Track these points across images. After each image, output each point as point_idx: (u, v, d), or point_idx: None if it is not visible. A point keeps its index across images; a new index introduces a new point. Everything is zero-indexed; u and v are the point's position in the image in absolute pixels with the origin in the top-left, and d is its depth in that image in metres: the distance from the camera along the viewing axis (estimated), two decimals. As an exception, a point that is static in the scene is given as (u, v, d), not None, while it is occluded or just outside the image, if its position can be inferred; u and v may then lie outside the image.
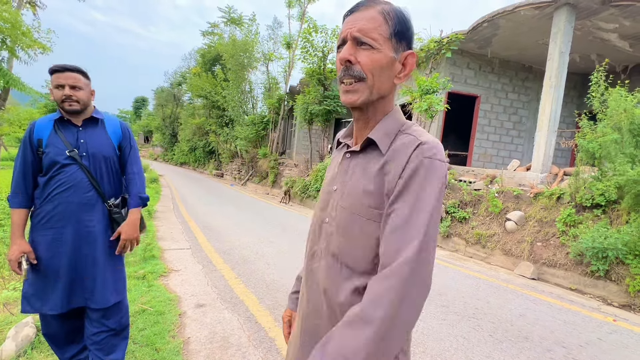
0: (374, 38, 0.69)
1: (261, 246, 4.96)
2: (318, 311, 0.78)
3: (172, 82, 35.41)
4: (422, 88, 7.12)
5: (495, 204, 5.71)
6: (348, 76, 0.70)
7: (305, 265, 0.86)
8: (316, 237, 0.82)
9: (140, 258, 3.86)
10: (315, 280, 0.80)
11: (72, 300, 1.55)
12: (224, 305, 2.88)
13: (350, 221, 0.73)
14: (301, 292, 0.87)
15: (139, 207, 1.70)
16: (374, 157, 0.74)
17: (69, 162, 1.54)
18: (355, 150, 0.77)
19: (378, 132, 0.74)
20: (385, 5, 0.72)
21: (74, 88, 1.55)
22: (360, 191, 0.72)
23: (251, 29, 18.38)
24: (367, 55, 0.69)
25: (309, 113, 11.63)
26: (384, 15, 0.71)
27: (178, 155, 30.89)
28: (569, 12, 6.14)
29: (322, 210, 0.82)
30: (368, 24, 0.69)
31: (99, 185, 1.60)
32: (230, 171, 20.15)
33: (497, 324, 2.91)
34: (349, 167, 0.78)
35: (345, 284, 0.72)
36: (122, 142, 1.71)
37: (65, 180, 1.53)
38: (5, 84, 4.99)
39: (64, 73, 1.54)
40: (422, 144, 0.67)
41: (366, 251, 0.71)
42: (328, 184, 0.83)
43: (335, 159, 0.87)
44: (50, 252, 1.52)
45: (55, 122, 1.58)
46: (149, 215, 6.40)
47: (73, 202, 1.53)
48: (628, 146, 4.01)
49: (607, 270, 4.00)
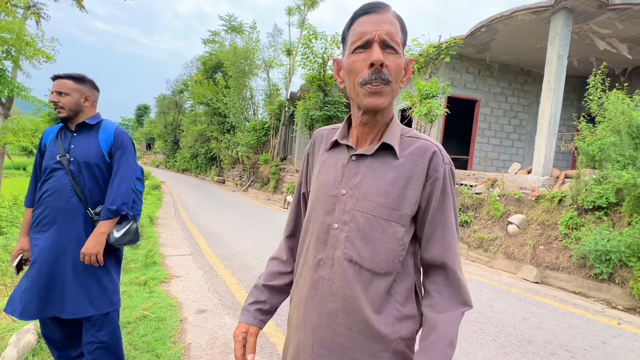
0: (398, 43, 0.71)
1: (262, 252, 4.96)
2: (336, 321, 0.75)
3: (174, 89, 35.76)
4: (422, 93, 7.16)
5: (496, 207, 5.70)
6: (379, 79, 0.69)
7: (306, 276, 0.81)
8: (321, 244, 0.78)
9: (142, 264, 3.87)
10: (326, 289, 0.76)
11: (46, 308, 1.50)
12: (225, 311, 2.88)
13: (370, 225, 0.73)
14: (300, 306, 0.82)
15: (108, 220, 1.57)
16: (387, 160, 0.75)
17: (58, 167, 1.55)
18: (365, 154, 0.76)
19: (391, 136, 0.75)
20: (394, 10, 0.73)
21: (60, 94, 1.56)
22: (379, 194, 0.73)
23: (252, 36, 18.63)
24: (393, 59, 0.70)
25: (310, 119, 11.70)
26: (399, 20, 0.73)
27: (180, 162, 31.02)
28: (566, 16, 6.19)
29: (327, 215, 0.78)
30: (392, 28, 0.70)
31: (82, 191, 1.56)
32: (232, 177, 20.21)
33: (500, 327, 2.89)
34: (358, 170, 0.76)
35: (369, 287, 0.73)
36: (112, 148, 1.64)
37: (52, 185, 1.54)
38: (9, 93, 5.06)
39: (55, 80, 1.59)
40: (439, 150, 0.75)
41: (389, 252, 0.73)
42: (331, 187, 0.79)
43: (331, 160, 0.82)
44: (34, 254, 1.54)
45: (60, 129, 1.64)
46: (151, 222, 6.42)
47: (56, 207, 1.53)
48: (627, 148, 4.01)
49: (611, 273, 3.97)
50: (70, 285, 1.53)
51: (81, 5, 8.21)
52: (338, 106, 11.54)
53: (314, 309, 0.78)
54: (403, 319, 0.75)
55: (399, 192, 0.73)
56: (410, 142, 0.77)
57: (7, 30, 4.70)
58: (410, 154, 0.75)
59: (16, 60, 5.04)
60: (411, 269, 0.78)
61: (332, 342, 0.75)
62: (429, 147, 0.75)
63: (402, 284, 0.76)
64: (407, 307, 0.76)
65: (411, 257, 0.79)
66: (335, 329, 0.75)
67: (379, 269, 0.73)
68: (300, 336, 0.81)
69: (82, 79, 1.62)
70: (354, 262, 0.74)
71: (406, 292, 0.76)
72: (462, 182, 7.07)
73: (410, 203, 0.73)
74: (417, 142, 0.76)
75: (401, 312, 0.75)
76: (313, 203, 0.83)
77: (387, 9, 0.72)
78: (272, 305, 0.92)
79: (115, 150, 1.63)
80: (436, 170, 0.74)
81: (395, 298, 0.75)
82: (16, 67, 5.53)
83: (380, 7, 0.71)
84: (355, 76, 0.71)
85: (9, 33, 4.73)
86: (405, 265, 0.77)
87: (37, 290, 1.49)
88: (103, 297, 1.60)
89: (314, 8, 15.37)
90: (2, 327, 2.32)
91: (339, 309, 0.74)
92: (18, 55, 4.96)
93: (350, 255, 0.74)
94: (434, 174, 0.74)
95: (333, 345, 0.75)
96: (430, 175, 0.74)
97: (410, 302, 0.77)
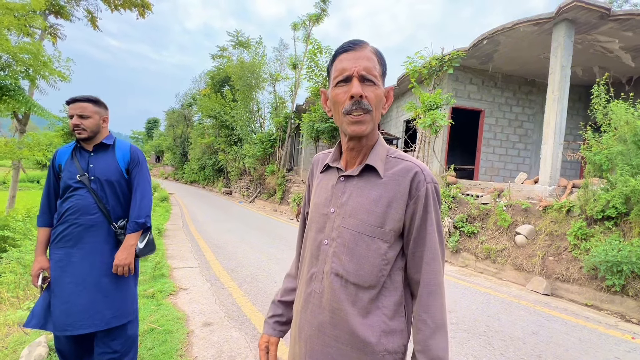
0: (375, 75, 0.78)
1: (269, 263, 4.97)
2: (324, 332, 0.80)
3: (182, 103, 36.58)
4: (426, 104, 7.22)
5: (503, 217, 5.64)
6: (360, 109, 0.76)
7: (301, 289, 0.87)
8: (314, 259, 0.84)
9: (150, 277, 3.92)
10: (316, 302, 0.82)
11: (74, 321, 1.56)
12: (231, 324, 2.89)
13: (355, 240, 0.78)
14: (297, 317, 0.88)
15: (135, 233, 1.70)
16: (371, 180, 0.81)
17: (79, 186, 1.64)
18: (351, 175, 0.83)
19: (374, 158, 0.81)
20: (372, 46, 0.81)
21: (82, 117, 1.66)
22: (363, 212, 0.79)
23: (258, 51, 19.07)
24: (372, 90, 0.77)
25: (315, 130, 11.84)
26: (376, 55, 0.80)
27: (188, 174, 31.44)
28: (568, 27, 6.24)
29: (319, 232, 0.85)
30: (369, 63, 0.77)
31: (105, 207, 1.66)
32: (239, 188, 20.37)
33: (508, 342, 2.84)
34: (345, 190, 0.83)
35: (355, 300, 0.77)
36: (129, 165, 1.76)
37: (75, 203, 1.62)
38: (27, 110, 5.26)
39: (74, 104, 1.68)
40: (421, 170, 0.79)
41: (373, 267, 0.77)
42: (323, 206, 0.86)
43: (324, 182, 0.90)
44: (58, 270, 1.60)
45: (73, 149, 1.72)
46: (159, 234, 6.51)
47: (81, 224, 1.61)
48: (634, 157, 3.97)
49: (624, 285, 3.88)
50: (98, 297, 1.61)
51: (95, 26, 8.57)
52: (343, 118, 11.66)
53: (307, 321, 0.83)
54: (390, 332, 0.78)
55: (382, 210, 0.78)
56: (395, 162, 0.82)
57: (26, 52, 4.95)
58: (394, 174, 0.80)
59: (33, 79, 5.27)
60: (399, 284, 0.81)
61: (321, 353, 0.80)
62: (411, 167, 0.80)
63: (390, 298, 0.79)
64: (394, 320, 0.79)
65: (400, 272, 0.82)
66: (324, 340, 0.80)
67: (363, 282, 0.78)
68: (296, 347, 0.87)
69: (98, 102, 1.73)
70: (340, 275, 0.79)
71: (394, 306, 0.79)
72: (468, 193, 7.03)
73: (393, 220, 0.78)
74: (402, 164, 0.81)
75: (388, 326, 0.78)
76: (309, 222, 0.90)
77: (364, 46, 0.79)
78: (288, 317, 0.99)
79: (133, 167, 1.76)
80: (418, 190, 0.78)
81: (382, 311, 0.78)
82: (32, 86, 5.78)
83: (358, 44, 0.78)
84: (339, 106, 0.79)
85: (27, 54, 4.97)
86: (393, 279, 0.80)
87: (67, 305, 1.56)
88: (125, 308, 1.70)
89: (318, 23, 15.74)
90: (15, 339, 2.37)
91: (327, 321, 0.79)
92: (35, 75, 5.18)
93: (337, 270, 0.79)
94: (417, 193, 0.78)
95: (322, 356, 0.80)
96: (412, 194, 0.78)
97: (399, 316, 0.80)
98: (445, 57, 8.00)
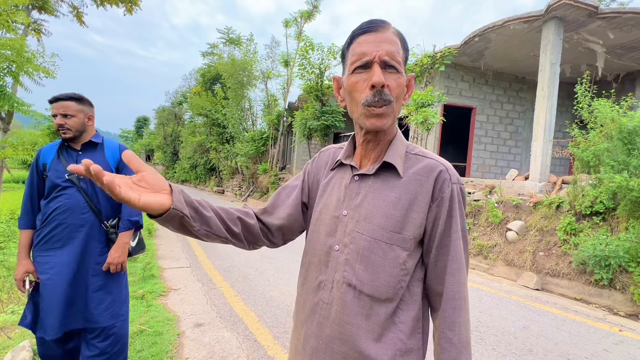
0: (399, 62, 0.68)
1: (262, 263, 4.93)
2: (332, 348, 0.71)
3: (173, 101, 36.03)
4: (417, 101, 7.24)
5: (495, 214, 5.70)
6: (382, 100, 0.66)
7: (307, 297, 0.78)
8: (322, 265, 0.75)
9: (140, 278, 3.84)
10: (324, 313, 0.73)
11: (67, 322, 1.55)
12: (223, 324, 2.86)
13: (371, 248, 0.69)
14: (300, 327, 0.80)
15: (129, 231, 1.69)
16: (389, 179, 0.71)
17: (68, 185, 1.59)
18: (366, 174, 0.73)
19: (393, 155, 0.72)
20: (394, 27, 0.70)
21: (65, 116, 1.60)
22: (379, 216, 0.69)
23: (249, 48, 18.88)
24: (395, 79, 0.67)
25: (308, 128, 11.78)
26: (399, 37, 0.69)
27: (179, 173, 31.06)
28: (557, 25, 6.32)
29: (329, 236, 0.75)
30: (392, 47, 0.66)
31: (96, 206, 1.63)
32: (231, 187, 20.20)
33: (500, 336, 2.86)
34: (360, 191, 0.73)
35: (369, 314, 0.68)
36: (119, 164, 1.73)
37: (63, 202, 1.58)
38: (10, 108, 5.10)
39: (56, 103, 1.62)
40: (446, 169, 0.71)
41: (390, 278, 0.68)
42: (334, 208, 0.76)
43: (336, 181, 0.80)
44: (48, 272, 1.55)
45: (59, 148, 1.66)
46: (150, 235, 6.40)
47: (70, 224, 1.57)
48: (620, 154, 4.05)
49: (611, 279, 3.95)
50: (91, 297, 1.60)
51: (82, 22, 8.35)
52: (335, 115, 11.64)
53: (313, 333, 0.75)
54: (407, 351, 0.69)
55: (402, 213, 0.69)
56: (415, 160, 0.73)
57: (9, 47, 4.78)
58: (415, 173, 0.71)
59: (16, 76, 5.10)
60: (418, 297, 0.73)
61: None
62: (435, 166, 0.71)
63: (408, 313, 0.70)
64: (412, 338, 0.71)
65: (419, 283, 0.73)
66: (331, 356, 0.71)
67: (380, 294, 0.68)
68: (298, 358, 0.79)
69: (82, 99, 1.67)
70: (353, 286, 0.70)
71: (412, 321, 0.71)
72: (460, 189, 7.09)
73: (414, 226, 0.69)
74: (423, 161, 0.72)
75: (405, 344, 0.69)
76: (316, 223, 0.80)
77: (386, 27, 0.68)
78: (202, 216, 0.73)
79: (123, 166, 1.73)
80: (442, 191, 0.69)
81: (399, 328, 0.69)
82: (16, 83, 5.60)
83: (380, 25, 0.68)
84: (356, 97, 0.68)
85: (10, 50, 4.80)
86: (412, 292, 0.71)
87: (58, 306, 1.53)
88: (117, 307, 1.69)
89: (310, 20, 15.64)
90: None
91: (336, 336, 0.71)
92: (18, 72, 5.02)
93: (349, 279, 0.70)
94: (440, 194, 0.69)
95: None
96: (435, 196, 0.69)
97: (417, 333, 0.72)
98: (437, 54, 8.03)
